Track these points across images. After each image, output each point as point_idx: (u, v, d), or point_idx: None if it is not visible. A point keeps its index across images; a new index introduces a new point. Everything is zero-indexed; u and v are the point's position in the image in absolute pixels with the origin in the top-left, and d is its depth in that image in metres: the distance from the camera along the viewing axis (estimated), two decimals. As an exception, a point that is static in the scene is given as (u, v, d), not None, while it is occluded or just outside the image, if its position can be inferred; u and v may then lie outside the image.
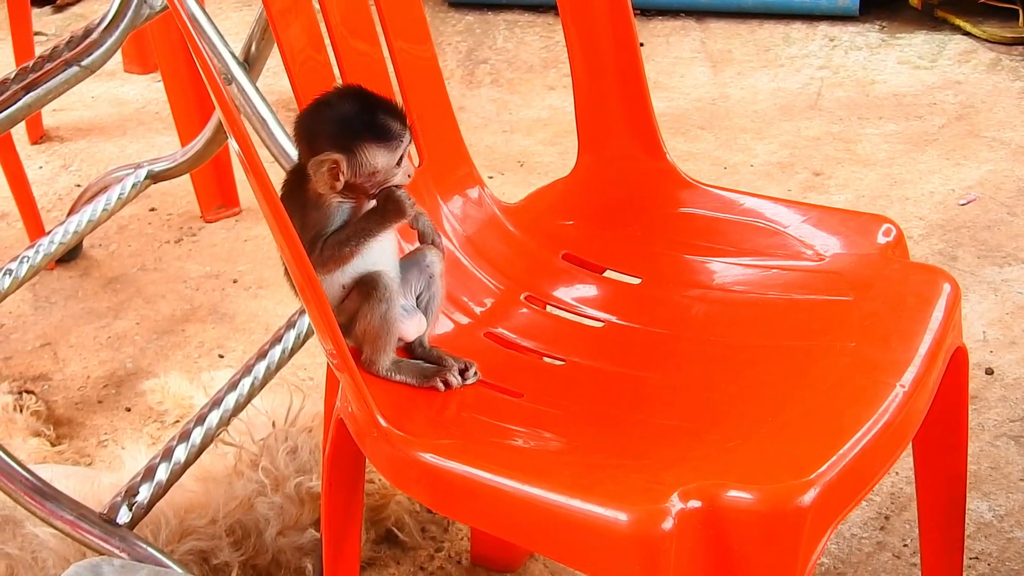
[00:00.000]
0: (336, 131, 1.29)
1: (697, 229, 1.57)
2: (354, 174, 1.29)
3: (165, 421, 2.12)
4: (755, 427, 1.26)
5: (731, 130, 2.96)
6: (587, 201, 1.63)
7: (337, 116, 1.30)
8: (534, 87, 3.22)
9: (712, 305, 1.48)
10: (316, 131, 1.30)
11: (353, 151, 1.28)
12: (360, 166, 1.28)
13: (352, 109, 1.30)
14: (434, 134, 1.57)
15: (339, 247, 1.31)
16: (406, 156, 1.32)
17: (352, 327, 1.35)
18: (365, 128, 1.29)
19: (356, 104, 1.31)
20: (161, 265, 2.57)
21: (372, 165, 1.29)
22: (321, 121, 1.30)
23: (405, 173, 1.32)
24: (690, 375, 1.39)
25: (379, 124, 1.29)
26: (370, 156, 1.28)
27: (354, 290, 1.33)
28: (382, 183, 1.31)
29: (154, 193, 2.68)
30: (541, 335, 1.46)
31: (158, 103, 3.14)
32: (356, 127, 1.29)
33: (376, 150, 1.29)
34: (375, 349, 1.34)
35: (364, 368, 1.35)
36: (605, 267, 1.56)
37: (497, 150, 2.93)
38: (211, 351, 2.30)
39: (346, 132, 1.28)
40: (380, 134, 1.29)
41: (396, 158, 1.30)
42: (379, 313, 1.33)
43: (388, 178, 1.30)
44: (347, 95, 1.33)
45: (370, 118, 1.29)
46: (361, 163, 1.28)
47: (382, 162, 1.29)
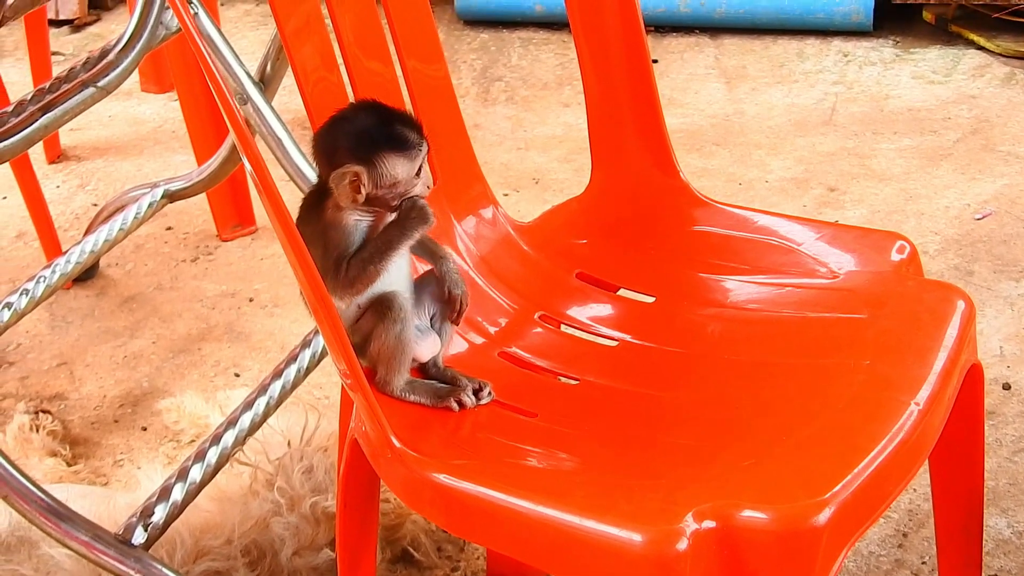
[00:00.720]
0: (355, 143, 1.29)
1: (711, 247, 1.57)
2: (375, 185, 1.29)
3: (181, 440, 2.12)
4: (770, 446, 1.25)
5: (746, 146, 2.96)
6: (601, 219, 1.62)
7: (355, 129, 1.30)
8: (549, 104, 3.22)
9: (726, 323, 1.47)
10: (335, 145, 1.30)
11: (373, 162, 1.28)
12: (381, 177, 1.29)
13: (370, 121, 1.30)
14: (448, 153, 1.56)
15: (364, 266, 1.30)
16: (425, 166, 1.32)
17: (367, 347, 1.34)
18: (383, 139, 1.29)
19: (373, 116, 1.31)
20: (177, 284, 2.57)
21: (392, 175, 1.29)
22: (339, 135, 1.30)
23: (424, 184, 1.32)
24: (705, 394, 1.38)
25: (397, 134, 1.29)
26: (390, 166, 1.29)
27: (369, 310, 1.33)
28: (402, 195, 1.30)
29: (170, 212, 2.69)
30: (555, 354, 1.46)
31: (174, 122, 3.16)
32: (375, 138, 1.29)
33: (396, 160, 1.29)
34: (389, 370, 1.34)
35: (378, 388, 1.35)
36: (619, 286, 1.56)
37: (512, 167, 2.93)
38: (227, 370, 2.30)
39: (365, 144, 1.29)
40: (399, 144, 1.29)
41: (415, 168, 1.30)
42: (393, 334, 1.33)
43: (408, 189, 1.30)
44: (363, 109, 1.33)
45: (388, 129, 1.29)
46: (382, 174, 1.28)
47: (402, 172, 1.29)
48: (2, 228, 2.79)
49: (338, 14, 1.46)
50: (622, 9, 1.60)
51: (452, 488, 1.22)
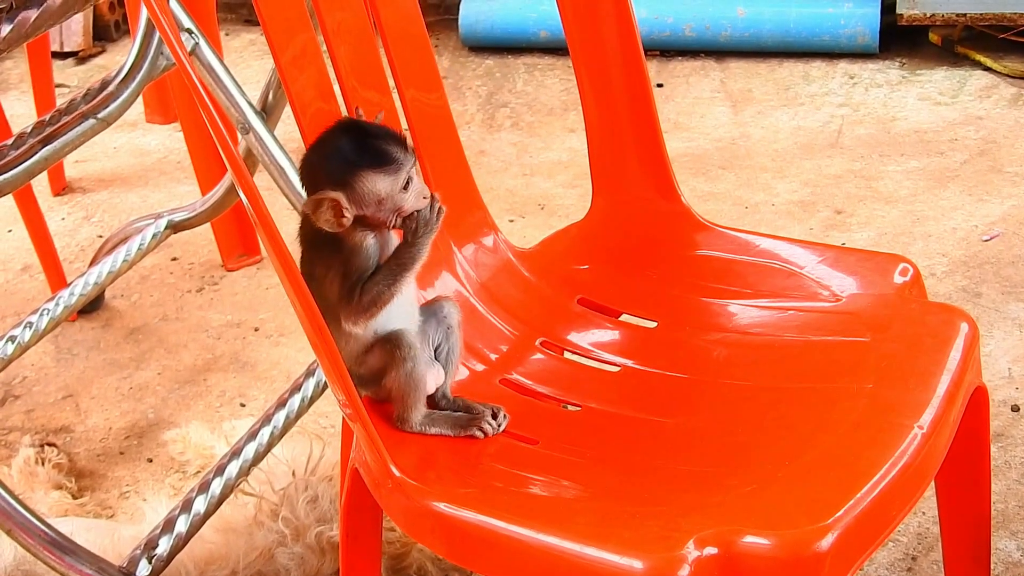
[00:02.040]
0: (332, 167, 1.28)
1: (713, 271, 1.57)
2: (360, 206, 1.27)
3: (187, 471, 2.12)
4: (773, 472, 1.25)
5: (752, 169, 2.96)
6: (602, 245, 1.62)
7: (331, 152, 1.29)
8: (554, 130, 3.22)
9: (729, 348, 1.47)
10: (315, 171, 1.29)
11: (350, 184, 1.27)
12: (363, 197, 1.27)
13: (346, 142, 1.29)
14: (448, 181, 1.57)
15: (379, 289, 1.29)
16: (416, 179, 1.30)
17: (372, 379, 1.34)
18: (360, 158, 1.28)
19: (350, 136, 1.30)
20: (183, 314, 2.58)
21: (375, 193, 1.27)
22: (318, 160, 1.30)
23: (417, 195, 1.30)
24: (707, 420, 1.38)
25: (374, 150, 1.28)
26: (370, 184, 1.27)
27: (377, 348, 1.33)
28: (396, 210, 1.29)
29: (175, 243, 2.69)
30: (557, 381, 1.46)
31: (179, 153, 3.16)
32: (350, 158, 1.28)
33: (374, 177, 1.27)
34: (405, 407, 1.35)
35: (398, 426, 1.35)
36: (621, 311, 1.56)
37: (518, 193, 2.93)
38: (232, 400, 2.30)
39: (341, 166, 1.27)
40: (377, 160, 1.27)
41: (400, 182, 1.28)
42: (404, 372, 1.32)
43: (400, 204, 1.29)
44: (342, 130, 1.31)
45: (363, 146, 1.28)
46: (363, 193, 1.27)
47: (384, 188, 1.27)
48: (7, 261, 2.79)
49: (334, 44, 1.47)
50: (621, 34, 1.60)
51: (453, 517, 1.22)
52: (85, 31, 3.81)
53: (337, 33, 1.47)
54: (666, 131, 1.65)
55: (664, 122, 1.63)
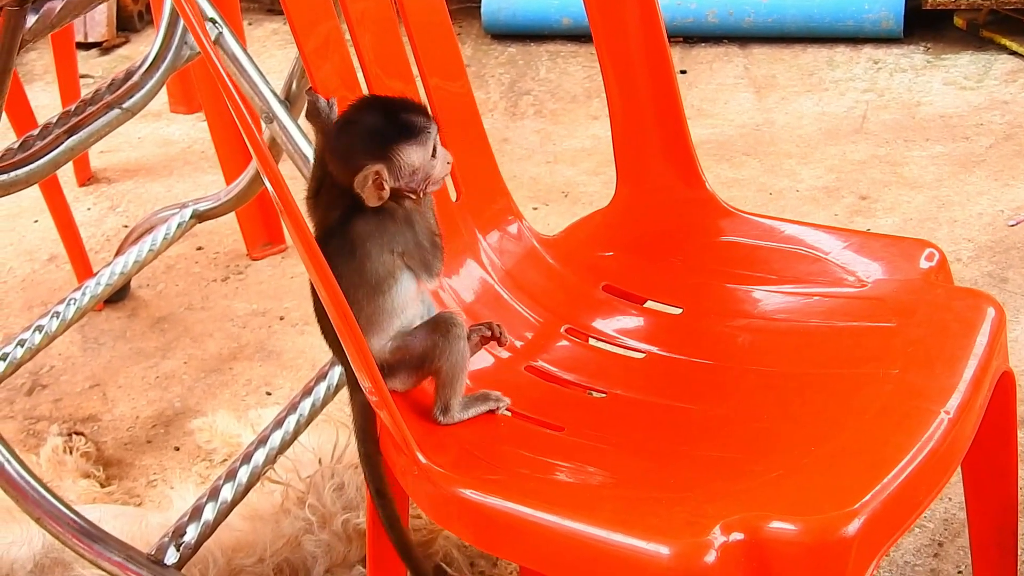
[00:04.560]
0: (368, 143, 1.30)
1: (738, 258, 1.57)
2: (397, 178, 1.30)
3: (214, 460, 2.13)
4: (799, 457, 1.25)
5: (776, 155, 2.95)
6: (626, 232, 1.62)
7: (364, 129, 1.32)
8: (577, 117, 3.22)
9: (754, 334, 1.47)
10: (350, 149, 1.31)
11: (389, 156, 1.30)
12: (400, 169, 1.30)
13: (375, 117, 1.32)
14: (471, 168, 1.57)
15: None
16: (439, 146, 1.34)
17: (409, 370, 1.35)
18: (393, 131, 1.31)
19: (377, 111, 1.33)
20: (208, 304, 2.59)
21: (411, 164, 1.31)
22: (351, 138, 1.32)
23: (444, 162, 1.34)
24: (733, 406, 1.38)
25: (404, 122, 1.31)
26: (406, 156, 1.30)
27: (423, 330, 1.34)
28: (426, 179, 1.33)
29: (200, 232, 2.70)
30: (582, 368, 1.46)
31: (203, 142, 3.17)
32: (384, 133, 1.31)
33: (409, 148, 1.30)
34: (453, 391, 1.35)
35: (439, 417, 1.35)
36: (646, 298, 1.56)
37: (541, 181, 2.93)
38: (258, 389, 2.31)
39: (377, 141, 1.30)
40: (408, 132, 1.31)
41: (429, 150, 1.32)
42: (458, 351, 1.34)
43: (429, 172, 1.32)
44: (365, 107, 1.35)
45: (394, 120, 1.31)
46: (400, 166, 1.30)
47: (418, 158, 1.31)
48: (34, 251, 2.81)
49: (358, 32, 1.47)
50: (644, 20, 1.60)
51: (479, 503, 1.23)
52: (109, 21, 3.82)
53: (360, 21, 1.47)
54: (690, 118, 1.65)
55: (688, 109, 1.63)
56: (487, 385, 1.40)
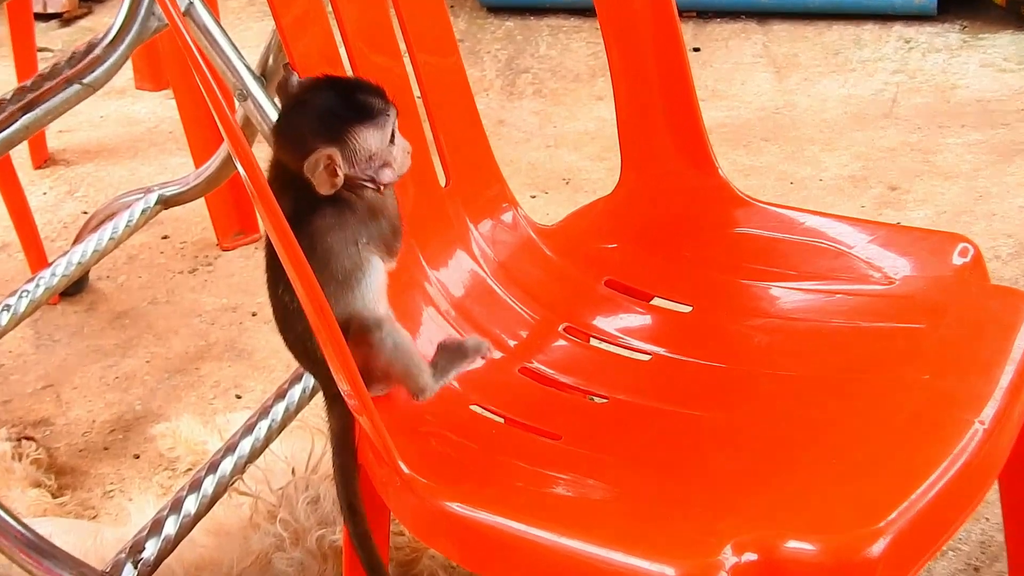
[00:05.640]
0: (320, 125, 1.30)
1: (754, 251, 1.56)
2: (351, 163, 1.30)
3: (177, 469, 2.13)
4: (819, 470, 1.25)
5: (798, 141, 2.95)
6: (632, 222, 1.62)
7: (316, 109, 1.31)
8: (580, 98, 3.22)
9: (771, 335, 1.47)
10: (300, 132, 1.30)
11: (343, 140, 1.29)
12: (355, 153, 1.30)
13: (329, 97, 1.32)
14: (463, 151, 1.57)
15: None
16: (397, 132, 1.33)
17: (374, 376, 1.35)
18: (348, 112, 1.30)
19: (331, 91, 1.33)
20: (174, 298, 2.58)
21: (366, 149, 1.30)
22: (302, 119, 1.31)
23: (403, 150, 1.34)
24: (747, 413, 1.37)
25: (360, 103, 1.31)
26: (361, 140, 1.30)
27: (350, 340, 1.33)
28: (383, 167, 1.32)
29: (166, 219, 2.69)
30: (582, 370, 1.45)
31: (171, 122, 3.17)
32: (338, 114, 1.30)
33: (365, 131, 1.30)
34: (411, 378, 1.37)
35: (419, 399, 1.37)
36: (652, 294, 1.56)
37: (540, 167, 2.93)
38: (227, 391, 2.30)
39: (330, 122, 1.30)
40: (364, 113, 1.30)
41: (387, 135, 1.32)
42: (387, 352, 1.34)
43: (387, 159, 1.32)
44: (318, 86, 1.34)
45: (349, 100, 1.31)
46: (355, 150, 1.30)
47: (375, 143, 1.30)
48: (-16, 239, 2.81)
49: (340, 4, 1.47)
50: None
51: (468, 518, 1.22)
52: (69, -10, 3.82)
53: (343, -10, 1.47)
54: (703, 99, 1.65)
55: (700, 90, 1.63)
56: (478, 390, 1.40)
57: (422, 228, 1.52)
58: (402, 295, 1.45)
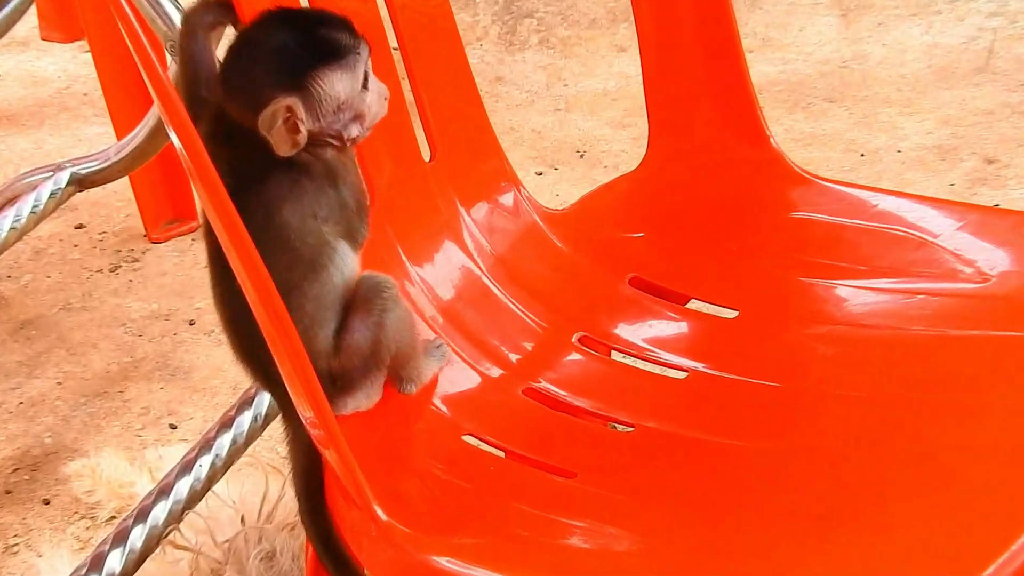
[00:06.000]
0: (277, 69, 1.28)
1: (815, 241, 1.57)
2: (316, 116, 1.29)
3: (97, 517, 2.13)
4: (900, 511, 1.25)
5: (870, 102, 2.96)
6: (663, 205, 1.63)
7: (270, 50, 1.29)
8: (598, 48, 3.23)
9: (836, 346, 1.47)
10: (252, 78, 1.29)
11: (306, 86, 1.28)
12: (321, 103, 1.29)
13: (285, 36, 1.30)
14: (451, 117, 1.57)
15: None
16: (371, 73, 1.33)
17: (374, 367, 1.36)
18: (309, 52, 1.29)
19: (287, 28, 1.30)
20: (91, 303, 2.59)
21: (334, 97, 1.29)
22: (253, 64, 1.30)
23: (379, 96, 1.34)
24: (807, 443, 1.38)
25: (325, 41, 1.30)
26: (328, 86, 1.29)
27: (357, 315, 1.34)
28: (355, 119, 1.32)
29: (81, 204, 2.70)
30: (600, 391, 1.46)
31: (86, 82, 3.18)
32: (298, 55, 1.29)
33: (332, 75, 1.29)
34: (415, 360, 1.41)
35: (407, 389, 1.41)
36: (688, 295, 1.57)
37: (548, 135, 2.93)
38: (159, 420, 2.31)
39: (289, 65, 1.28)
40: (330, 53, 1.29)
41: (359, 79, 1.31)
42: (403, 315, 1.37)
43: (360, 109, 1.32)
44: (271, 22, 1.32)
45: (310, 37, 1.30)
46: (320, 99, 1.29)
47: (344, 88, 1.30)
48: None
49: (296, -70, 1.47)
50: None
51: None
52: (-43, -83, 3.82)
53: (300, -84, 1.48)
54: (752, 50, 1.66)
55: (748, 38, 1.64)
56: (472, 416, 1.41)
57: (401, 213, 1.52)
58: (376, 298, 1.45)
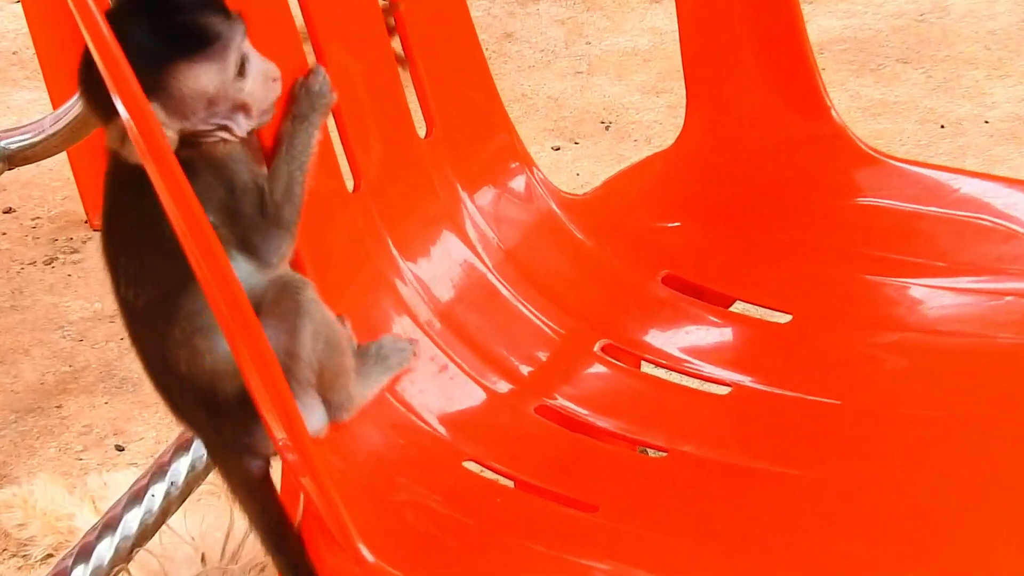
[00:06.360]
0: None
1: (883, 232, 1.58)
2: (181, 115, 1.29)
3: (31, 556, 2.14)
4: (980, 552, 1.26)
5: (951, 63, 2.96)
6: (702, 189, 1.63)
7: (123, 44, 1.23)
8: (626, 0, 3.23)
9: (909, 356, 1.48)
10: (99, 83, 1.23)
11: (161, 87, 1.28)
12: (183, 102, 1.29)
13: (137, 27, 1.28)
14: (451, 84, 1.58)
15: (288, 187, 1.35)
16: (254, 56, 1.33)
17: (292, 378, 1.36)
18: (164, 44, 1.29)
19: (141, 17, 1.29)
20: (22, 300, 2.60)
21: (201, 92, 1.30)
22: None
23: (264, 78, 1.33)
24: (873, 471, 1.39)
25: (182, 28, 1.30)
26: (190, 81, 1.29)
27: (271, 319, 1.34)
28: (239, 107, 1.32)
29: (10, 185, 2.71)
30: (628, 409, 1.47)
31: (16, 38, 3.18)
32: (150, 49, 1.28)
33: (193, 69, 1.29)
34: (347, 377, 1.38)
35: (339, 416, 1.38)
36: (733, 296, 1.58)
37: (567, 103, 2.94)
38: (103, 440, 2.32)
39: (140, 63, 1.21)
40: (192, 41, 1.29)
41: (231, 67, 1.31)
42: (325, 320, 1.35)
43: (239, 97, 1.32)
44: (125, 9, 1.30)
45: (167, 26, 1.29)
46: (182, 98, 1.29)
47: (212, 81, 1.30)
48: None
49: None
50: None
51: (461, 629, 1.24)
52: None
53: None
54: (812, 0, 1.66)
55: (805, -13, 1.64)
56: (475, 438, 1.41)
57: (391, 199, 1.53)
58: (362, 298, 1.46)
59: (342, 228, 1.47)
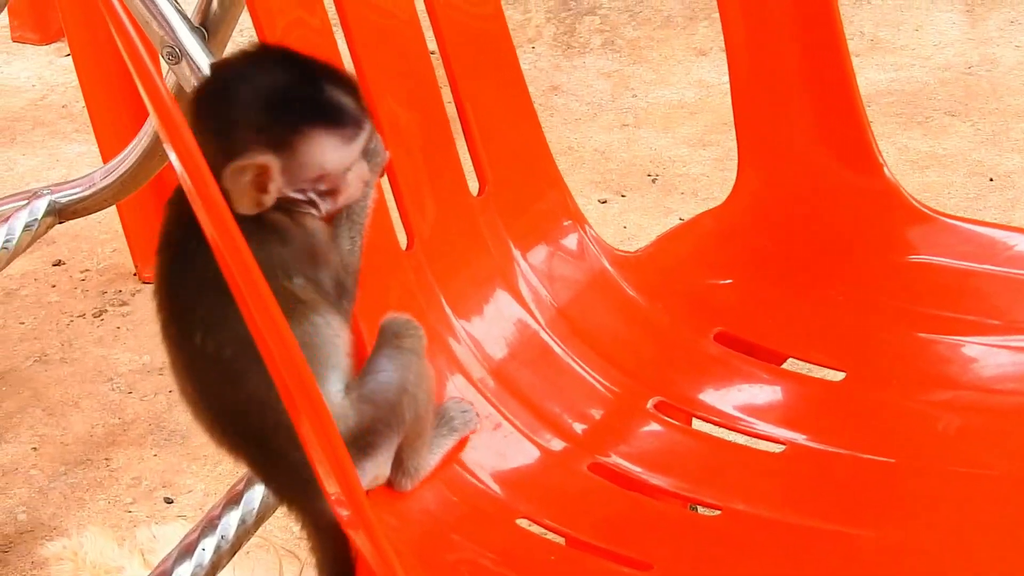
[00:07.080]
0: (264, 117, 1.28)
1: (937, 290, 1.57)
2: (291, 180, 1.29)
3: (79, 609, 2.15)
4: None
5: (1000, 116, 2.95)
6: (754, 246, 1.63)
7: (263, 92, 1.29)
8: (674, 51, 3.23)
9: (965, 415, 1.48)
10: (230, 120, 1.29)
11: (291, 146, 1.28)
12: (301, 168, 1.29)
13: (283, 78, 1.30)
14: (503, 141, 1.58)
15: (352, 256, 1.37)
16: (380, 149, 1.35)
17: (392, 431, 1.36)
18: (307, 108, 1.29)
19: (285, 69, 1.31)
20: (72, 353, 2.60)
21: (318, 165, 1.30)
22: (236, 105, 1.30)
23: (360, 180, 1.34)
24: (928, 530, 1.38)
25: (327, 102, 1.30)
26: (317, 151, 1.29)
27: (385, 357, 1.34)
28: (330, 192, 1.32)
29: (60, 238, 2.71)
30: (681, 467, 1.47)
31: (65, 91, 3.19)
32: (295, 107, 1.29)
33: (325, 141, 1.29)
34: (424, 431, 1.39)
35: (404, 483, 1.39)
36: (786, 354, 1.57)
37: (614, 156, 2.94)
38: (152, 492, 2.32)
39: (280, 117, 1.28)
40: (331, 115, 1.30)
41: (352, 156, 1.31)
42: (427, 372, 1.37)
43: (338, 187, 1.32)
44: (268, 58, 1.33)
45: (311, 89, 1.30)
46: (303, 163, 1.29)
47: (333, 160, 1.30)
48: None
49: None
50: None
51: None
52: None
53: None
54: (859, 53, 1.67)
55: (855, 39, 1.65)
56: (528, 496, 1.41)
57: (444, 257, 1.53)
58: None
59: (395, 286, 1.47)
